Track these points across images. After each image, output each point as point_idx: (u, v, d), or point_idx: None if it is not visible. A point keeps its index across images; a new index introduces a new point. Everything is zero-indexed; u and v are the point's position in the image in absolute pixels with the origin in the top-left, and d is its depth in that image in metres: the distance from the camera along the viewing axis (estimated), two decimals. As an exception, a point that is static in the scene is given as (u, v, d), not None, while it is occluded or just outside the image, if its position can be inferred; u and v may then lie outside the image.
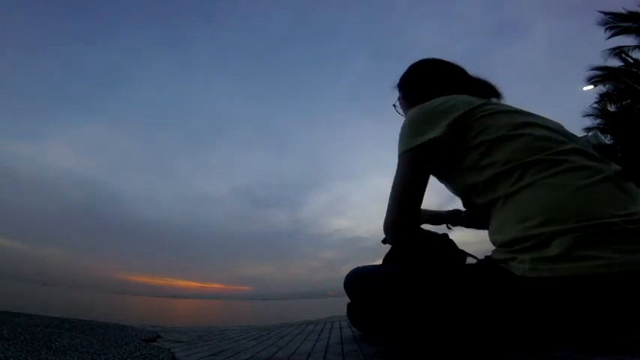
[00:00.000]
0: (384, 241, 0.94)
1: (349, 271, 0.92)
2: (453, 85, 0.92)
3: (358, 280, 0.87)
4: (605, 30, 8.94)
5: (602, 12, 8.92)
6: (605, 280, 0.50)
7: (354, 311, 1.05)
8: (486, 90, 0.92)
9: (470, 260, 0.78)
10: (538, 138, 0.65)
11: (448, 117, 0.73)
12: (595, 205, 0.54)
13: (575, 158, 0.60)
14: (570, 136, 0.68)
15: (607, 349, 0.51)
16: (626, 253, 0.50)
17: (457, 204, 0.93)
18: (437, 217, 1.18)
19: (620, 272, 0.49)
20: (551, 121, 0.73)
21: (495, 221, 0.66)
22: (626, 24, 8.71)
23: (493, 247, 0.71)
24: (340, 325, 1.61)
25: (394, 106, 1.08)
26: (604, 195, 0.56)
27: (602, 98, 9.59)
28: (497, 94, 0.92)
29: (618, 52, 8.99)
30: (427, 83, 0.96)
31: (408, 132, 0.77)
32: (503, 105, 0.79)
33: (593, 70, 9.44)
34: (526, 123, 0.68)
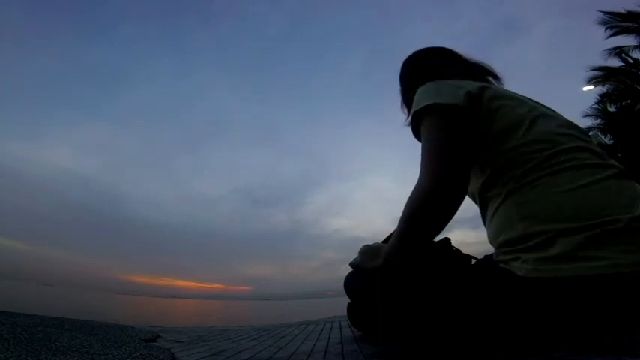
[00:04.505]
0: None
1: (349, 271, 0.92)
2: (452, 69, 0.87)
3: (358, 280, 0.87)
4: (605, 30, 8.95)
5: (602, 12, 8.92)
6: (610, 281, 0.49)
7: (354, 311, 1.05)
8: (486, 73, 0.89)
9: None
10: (549, 132, 0.63)
11: (463, 88, 0.69)
12: (601, 204, 0.53)
13: (583, 155, 0.59)
14: (580, 132, 0.66)
15: (607, 349, 0.51)
16: (631, 254, 0.49)
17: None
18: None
19: (625, 272, 0.48)
20: (560, 115, 0.70)
21: (498, 217, 0.65)
22: (626, 24, 8.71)
23: (493, 246, 0.70)
24: (340, 325, 1.61)
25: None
26: (610, 194, 0.55)
27: (602, 98, 9.60)
28: (496, 77, 0.89)
29: (618, 52, 8.99)
30: (425, 70, 0.90)
31: (425, 95, 0.69)
32: (511, 91, 0.74)
33: (593, 70, 9.45)
34: (538, 114, 0.65)
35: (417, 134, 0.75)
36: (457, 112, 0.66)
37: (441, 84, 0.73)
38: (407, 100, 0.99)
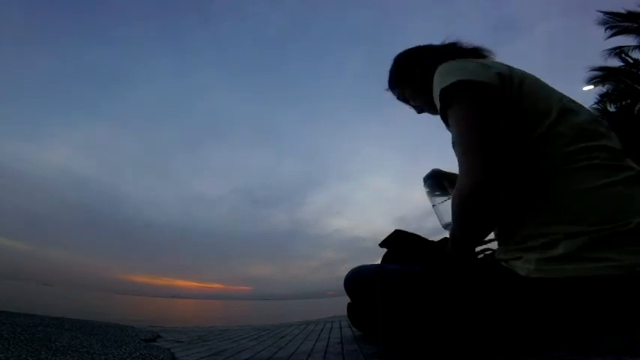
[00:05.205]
0: (382, 244, 0.93)
1: (349, 270, 0.92)
2: (445, 56, 0.76)
3: (358, 280, 0.87)
4: (605, 30, 8.94)
5: (602, 12, 8.91)
6: (613, 282, 0.49)
7: (354, 311, 1.05)
8: (479, 56, 0.82)
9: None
10: (575, 127, 0.58)
11: (492, 68, 0.62)
12: (613, 207, 0.52)
13: (604, 155, 0.57)
14: (606, 129, 0.62)
15: (607, 349, 0.51)
16: (635, 254, 0.48)
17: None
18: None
19: (628, 274, 0.48)
20: (587, 109, 0.66)
21: (508, 213, 0.62)
22: (626, 24, 8.70)
23: (497, 242, 0.70)
24: (340, 325, 1.61)
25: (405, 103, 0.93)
26: (624, 198, 0.53)
27: (602, 98, 9.59)
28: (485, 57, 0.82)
29: (618, 52, 8.98)
30: (423, 64, 0.82)
31: (451, 72, 0.61)
32: (537, 77, 0.67)
33: (593, 70, 9.44)
34: (566, 106, 0.61)
35: (443, 116, 0.66)
36: (490, 92, 0.59)
37: (464, 62, 0.66)
38: (404, 80, 0.90)
